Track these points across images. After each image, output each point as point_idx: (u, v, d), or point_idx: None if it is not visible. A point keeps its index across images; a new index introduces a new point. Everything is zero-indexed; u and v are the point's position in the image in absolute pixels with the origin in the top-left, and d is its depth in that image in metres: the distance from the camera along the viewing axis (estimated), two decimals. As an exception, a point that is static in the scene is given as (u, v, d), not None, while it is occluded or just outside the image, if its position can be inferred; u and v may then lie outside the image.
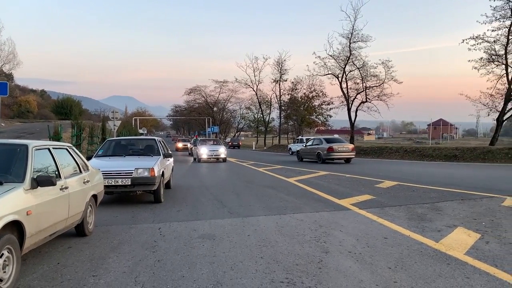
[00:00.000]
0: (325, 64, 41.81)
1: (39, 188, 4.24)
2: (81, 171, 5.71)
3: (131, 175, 8.21)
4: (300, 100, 52.78)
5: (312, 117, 53.60)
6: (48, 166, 4.79)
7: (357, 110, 40.76)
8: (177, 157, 28.28)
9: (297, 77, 64.23)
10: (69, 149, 5.67)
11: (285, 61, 53.04)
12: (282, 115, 56.13)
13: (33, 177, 4.23)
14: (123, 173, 8.21)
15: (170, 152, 10.80)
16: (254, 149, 55.27)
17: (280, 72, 53.27)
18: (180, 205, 8.54)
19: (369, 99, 40.17)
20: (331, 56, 40.90)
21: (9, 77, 53.81)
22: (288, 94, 54.55)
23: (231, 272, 4.25)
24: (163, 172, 9.10)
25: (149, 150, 10.03)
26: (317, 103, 52.39)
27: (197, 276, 4.13)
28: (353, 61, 40.03)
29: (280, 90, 54.39)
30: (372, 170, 17.31)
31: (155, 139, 10.66)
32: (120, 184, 8.15)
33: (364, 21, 54.27)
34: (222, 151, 23.80)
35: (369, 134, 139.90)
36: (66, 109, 64.99)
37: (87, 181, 5.79)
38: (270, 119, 62.34)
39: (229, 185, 12.19)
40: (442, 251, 4.91)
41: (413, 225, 6.32)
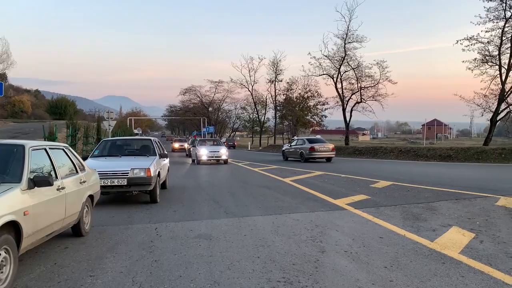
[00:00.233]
0: (320, 64, 41.97)
1: (36, 188, 4.24)
2: (77, 172, 5.71)
3: (127, 175, 8.21)
4: (295, 100, 52.83)
5: (307, 117, 53.68)
6: (44, 166, 4.79)
7: (352, 110, 40.90)
8: (174, 158, 28.08)
9: (292, 78, 64.42)
10: (65, 149, 5.67)
11: (280, 61, 53.16)
12: (277, 115, 56.18)
13: (30, 177, 4.23)
14: (119, 173, 8.21)
15: (166, 152, 10.80)
16: (249, 149, 55.28)
17: (275, 72, 53.37)
18: (176, 205, 8.55)
19: (364, 99, 40.32)
20: (326, 56, 41.04)
21: (3, 77, 53.50)
22: (283, 94, 54.67)
23: (228, 272, 4.27)
24: (159, 172, 9.10)
25: (145, 150, 10.02)
26: (312, 103, 52.50)
27: (195, 276, 4.15)
28: (348, 62, 40.16)
29: (275, 90, 54.51)
30: (367, 170, 17.38)
31: (151, 139, 10.66)
32: (116, 184, 8.14)
33: (359, 22, 54.37)
34: (223, 152, 22.20)
35: (363, 134, 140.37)
36: (60, 109, 64.70)
37: (84, 182, 5.79)
38: (265, 119, 62.41)
39: (225, 185, 12.21)
40: (437, 250, 4.95)
41: (408, 225, 6.37)
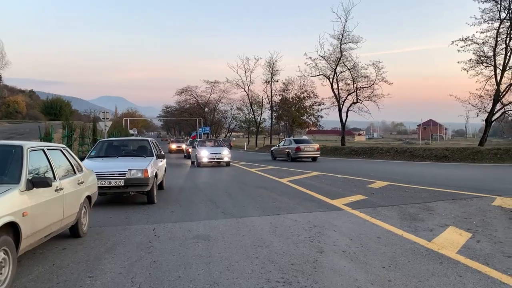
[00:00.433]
0: (316, 65, 42.02)
1: (34, 189, 4.23)
2: (75, 172, 5.70)
3: (124, 176, 8.20)
4: (291, 100, 52.87)
5: (303, 118, 53.74)
6: (43, 167, 4.77)
7: (348, 110, 41.01)
8: (171, 160, 27.66)
9: (288, 78, 64.40)
10: (63, 150, 5.65)
11: (276, 62, 53.15)
12: (273, 116, 56.21)
13: (29, 178, 4.22)
14: (116, 174, 8.20)
15: (163, 153, 10.79)
16: (245, 149, 55.27)
17: (271, 72, 53.38)
18: (173, 206, 8.54)
19: (359, 99, 40.44)
20: (322, 57, 41.12)
21: (-2, 77, 53.23)
22: (279, 94, 54.66)
23: (227, 272, 4.27)
24: (156, 173, 9.09)
25: (142, 151, 10.01)
26: (308, 103, 52.53)
27: (194, 276, 4.15)
28: (344, 62, 40.27)
29: (271, 90, 54.51)
30: (363, 170, 17.42)
31: (148, 140, 10.65)
32: (113, 185, 8.13)
33: (354, 23, 54.39)
34: (225, 154, 20.88)
35: (359, 134, 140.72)
36: (55, 110, 64.40)
37: (81, 182, 5.78)
38: (261, 119, 62.40)
39: (222, 186, 12.21)
40: (434, 250, 4.98)
41: (406, 225, 6.40)
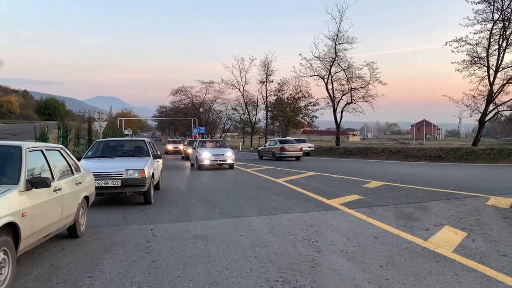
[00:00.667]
0: (311, 65, 42.20)
1: (33, 189, 4.24)
2: (73, 173, 5.70)
3: (121, 177, 8.21)
4: (286, 101, 52.95)
5: (298, 118, 53.84)
6: (41, 167, 4.78)
7: (342, 111, 41.17)
8: (169, 161, 26.98)
9: (283, 78, 64.41)
10: (61, 150, 5.65)
11: (271, 62, 53.13)
12: (268, 116, 56.26)
13: (28, 178, 4.23)
14: (113, 175, 8.20)
15: (159, 153, 10.79)
16: (240, 150, 55.25)
17: (266, 73, 53.39)
18: (170, 206, 8.55)
19: (354, 100, 40.64)
20: (317, 57, 41.30)
21: (-9, 77, 52.86)
22: (274, 95, 54.71)
23: (226, 272, 4.30)
24: (153, 173, 9.09)
25: (139, 151, 10.00)
26: (303, 104, 52.66)
27: (193, 276, 4.18)
28: (338, 63, 40.46)
29: (266, 91, 54.52)
30: (358, 170, 17.51)
31: (144, 140, 10.65)
32: (110, 185, 8.13)
33: (349, 23, 54.62)
34: (228, 155, 19.12)
35: (354, 135, 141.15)
36: (49, 110, 64.03)
37: (79, 183, 5.78)
38: (256, 120, 62.41)
39: (218, 186, 12.23)
40: (430, 249, 5.04)
41: (402, 224, 6.46)
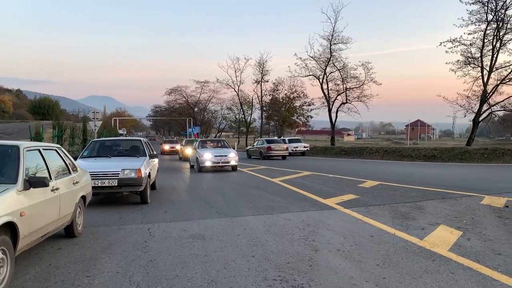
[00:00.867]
0: (306, 65, 42.20)
1: (31, 189, 4.23)
2: (70, 172, 5.69)
3: (118, 176, 8.20)
4: (281, 101, 52.99)
5: (293, 118, 53.90)
6: (39, 167, 4.77)
7: (337, 111, 41.26)
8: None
9: (278, 78, 64.50)
10: (58, 150, 5.65)
11: (266, 62, 53.01)
12: (263, 116, 56.28)
13: (26, 178, 4.22)
14: (109, 174, 8.19)
15: (155, 153, 10.78)
16: (236, 149, 55.28)
17: (261, 73, 53.32)
18: (167, 206, 8.56)
19: (349, 100, 40.73)
20: (312, 57, 41.30)
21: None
22: (269, 94, 54.70)
23: (224, 271, 4.32)
24: (149, 173, 9.09)
25: (135, 151, 9.99)
26: (298, 104, 52.70)
27: (191, 275, 4.19)
28: (333, 63, 40.50)
29: (261, 90, 54.47)
30: (354, 170, 17.58)
31: (140, 140, 10.64)
32: (106, 185, 8.12)
33: (344, 23, 54.77)
34: (232, 157, 17.99)
35: (348, 134, 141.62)
36: (43, 109, 63.73)
37: (76, 182, 5.78)
38: (251, 119, 62.39)
39: (215, 186, 12.24)
40: (426, 248, 5.09)
41: (398, 223, 6.51)
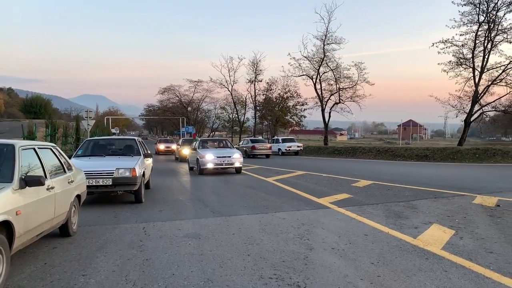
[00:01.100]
0: (300, 65, 42.29)
1: (27, 188, 4.22)
2: (65, 171, 5.68)
3: (112, 175, 8.18)
4: (274, 100, 53.00)
5: (286, 118, 53.95)
6: (34, 166, 4.76)
7: (330, 111, 41.40)
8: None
9: (272, 78, 64.50)
10: (53, 149, 5.63)
11: (260, 61, 52.97)
12: (257, 115, 56.27)
13: (21, 177, 4.21)
14: (104, 173, 8.17)
15: (149, 152, 10.77)
16: (229, 149, 55.19)
17: (255, 72, 53.31)
18: (161, 205, 8.56)
19: (342, 100, 40.87)
20: (306, 57, 41.40)
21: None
22: (263, 94, 54.66)
23: (220, 269, 4.34)
24: (143, 172, 9.08)
25: (129, 150, 9.97)
26: (291, 103, 52.70)
27: (187, 274, 4.21)
28: (327, 63, 40.61)
29: (255, 90, 54.46)
30: (347, 169, 17.67)
31: (135, 139, 10.62)
32: (101, 184, 8.11)
33: (337, 24, 54.94)
34: (236, 158, 16.24)
35: (341, 134, 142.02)
36: (35, 108, 63.24)
37: (72, 181, 5.76)
38: (245, 119, 62.34)
39: (209, 185, 12.25)
40: (420, 246, 5.15)
41: (391, 222, 6.57)
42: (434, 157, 23.88)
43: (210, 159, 15.90)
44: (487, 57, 28.92)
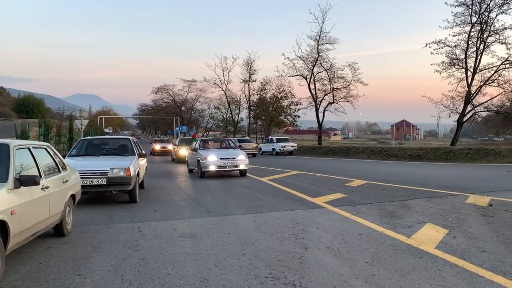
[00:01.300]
0: (294, 65, 42.42)
1: (22, 187, 4.21)
2: (59, 171, 5.66)
3: (107, 175, 8.16)
4: (269, 100, 53.06)
5: (280, 118, 54.03)
6: (29, 165, 4.74)
7: (324, 111, 41.52)
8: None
9: (266, 78, 64.48)
10: (47, 148, 5.61)
11: (254, 61, 53.03)
12: (251, 115, 56.30)
13: (16, 176, 4.20)
14: (98, 173, 8.15)
15: (144, 152, 10.74)
16: (222, 149, 55.11)
17: (249, 72, 53.33)
18: (156, 205, 8.55)
19: (336, 100, 41.02)
20: (300, 57, 41.53)
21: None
22: (257, 94, 54.72)
23: (215, 269, 4.35)
24: (138, 172, 9.06)
25: (123, 149, 9.95)
26: (285, 103, 52.80)
27: (183, 273, 4.22)
28: (321, 63, 40.76)
29: (249, 90, 54.48)
30: (341, 169, 17.73)
31: (129, 139, 10.59)
32: (95, 184, 8.08)
33: (331, 24, 55.07)
34: (241, 159, 14.78)
35: (335, 134, 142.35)
36: (28, 108, 62.77)
37: (66, 181, 5.74)
38: (239, 119, 62.34)
39: (203, 185, 12.24)
40: (414, 245, 5.19)
41: (385, 222, 6.61)
42: (427, 157, 24.04)
43: (212, 161, 14.44)
44: (479, 57, 29.19)
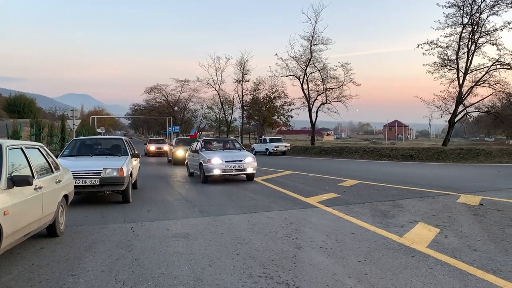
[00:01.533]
0: (287, 65, 42.49)
1: (15, 188, 4.19)
2: (52, 171, 5.64)
3: (100, 175, 8.13)
4: (262, 100, 53.10)
5: (274, 118, 54.09)
6: (21, 165, 4.72)
7: (317, 111, 41.64)
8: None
9: (259, 78, 64.54)
10: (40, 148, 5.58)
11: (247, 61, 52.99)
12: (244, 115, 56.30)
13: (9, 176, 4.18)
14: (91, 173, 8.12)
15: (137, 152, 10.71)
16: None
17: (242, 72, 53.28)
18: (149, 205, 8.53)
19: (329, 100, 41.18)
20: (293, 57, 41.61)
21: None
22: (250, 94, 54.74)
23: (209, 268, 4.37)
24: (131, 172, 9.04)
25: (116, 150, 9.91)
26: (278, 103, 52.91)
27: (177, 273, 4.22)
28: (314, 63, 40.88)
29: (242, 90, 54.46)
30: (334, 169, 17.81)
31: (122, 139, 10.56)
32: (88, 184, 8.05)
33: (324, 24, 55.24)
34: (249, 162, 13.06)
35: (328, 134, 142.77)
36: (19, 107, 62.16)
37: (59, 181, 5.72)
38: (232, 119, 62.30)
39: (196, 185, 12.23)
40: (406, 245, 5.24)
41: (378, 221, 6.66)
42: (419, 157, 24.21)
43: (217, 164, 12.78)
44: (471, 58, 29.48)
